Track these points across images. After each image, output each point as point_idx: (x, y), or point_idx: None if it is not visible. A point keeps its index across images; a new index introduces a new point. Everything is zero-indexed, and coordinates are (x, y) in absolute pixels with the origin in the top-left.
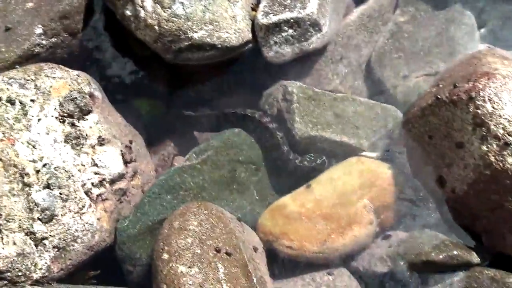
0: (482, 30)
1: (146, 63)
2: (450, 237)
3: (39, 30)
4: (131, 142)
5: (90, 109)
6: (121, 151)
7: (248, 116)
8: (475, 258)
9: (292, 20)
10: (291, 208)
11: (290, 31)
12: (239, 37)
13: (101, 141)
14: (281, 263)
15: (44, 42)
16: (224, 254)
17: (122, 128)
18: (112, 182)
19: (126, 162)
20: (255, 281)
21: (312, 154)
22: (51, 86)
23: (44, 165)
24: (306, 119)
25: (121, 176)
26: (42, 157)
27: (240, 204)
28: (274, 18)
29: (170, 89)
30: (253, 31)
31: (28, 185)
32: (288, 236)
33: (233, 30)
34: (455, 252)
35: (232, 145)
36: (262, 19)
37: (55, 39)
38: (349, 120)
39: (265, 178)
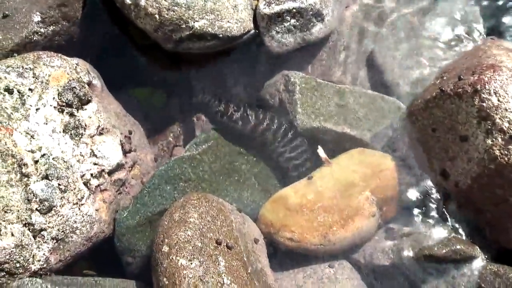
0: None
1: (146, 52)
2: (453, 230)
3: (37, 17)
4: (130, 132)
5: (89, 98)
6: (120, 141)
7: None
8: (478, 252)
9: (294, 10)
10: (292, 199)
11: (293, 21)
12: (240, 27)
13: (100, 131)
14: (282, 255)
15: (42, 30)
16: (225, 247)
17: (121, 118)
18: (111, 172)
19: (125, 152)
20: (255, 273)
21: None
22: (49, 75)
23: (43, 156)
24: (308, 110)
25: (120, 166)
26: (41, 147)
27: (241, 196)
28: (276, 8)
29: (171, 78)
30: (255, 20)
31: (26, 175)
32: (289, 228)
33: (235, 19)
34: (458, 247)
35: (233, 135)
36: (264, 9)
37: (54, 26)
38: (351, 112)
39: (267, 169)
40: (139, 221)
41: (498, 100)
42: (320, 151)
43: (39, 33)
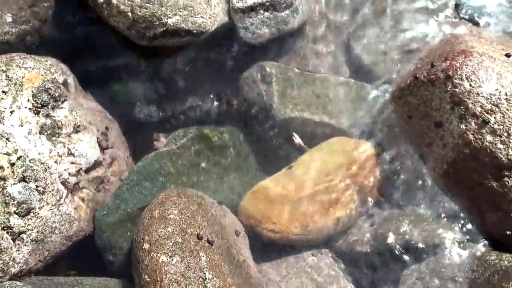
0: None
1: (120, 48)
2: (434, 215)
3: (8, 18)
4: (107, 128)
5: (65, 98)
6: (97, 138)
7: None
8: (456, 235)
9: (267, 3)
10: (273, 190)
11: (266, 13)
12: (214, 22)
13: (77, 129)
14: (264, 246)
15: (13, 30)
16: (206, 242)
17: (97, 115)
18: (89, 170)
19: (103, 149)
20: (237, 265)
21: None
22: (23, 77)
23: (19, 158)
24: (285, 100)
25: (98, 164)
26: (17, 149)
27: (221, 188)
28: (249, 2)
29: (145, 73)
30: (229, 13)
31: (3, 178)
32: (270, 219)
33: (208, 14)
34: (437, 232)
35: (211, 128)
36: (237, 3)
37: (25, 26)
38: (329, 100)
39: (246, 161)
40: (119, 218)
41: (470, 85)
42: (296, 138)
43: (11, 33)
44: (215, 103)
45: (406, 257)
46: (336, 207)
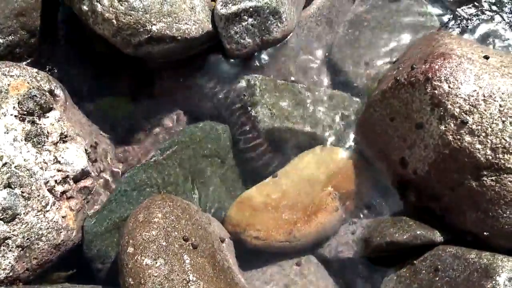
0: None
1: (110, 61)
2: (413, 218)
3: None
4: (96, 142)
5: (51, 106)
6: (85, 149)
7: None
8: (438, 237)
9: (251, 9)
10: (257, 199)
11: (250, 20)
12: (198, 28)
13: (64, 138)
14: (249, 253)
15: (0, 40)
16: (190, 245)
17: (86, 127)
18: (77, 180)
19: (92, 161)
20: (222, 271)
21: None
22: (8, 85)
23: (4, 164)
24: (269, 111)
25: (86, 174)
26: (2, 156)
27: (207, 197)
28: (233, 8)
29: (135, 87)
30: (213, 22)
31: None
32: (254, 227)
33: (192, 21)
34: (418, 232)
35: (196, 139)
36: (221, 9)
37: (12, 37)
38: (311, 110)
39: (231, 170)
40: (107, 228)
41: (449, 87)
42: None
43: None
44: (200, 114)
45: (388, 262)
46: (318, 214)
